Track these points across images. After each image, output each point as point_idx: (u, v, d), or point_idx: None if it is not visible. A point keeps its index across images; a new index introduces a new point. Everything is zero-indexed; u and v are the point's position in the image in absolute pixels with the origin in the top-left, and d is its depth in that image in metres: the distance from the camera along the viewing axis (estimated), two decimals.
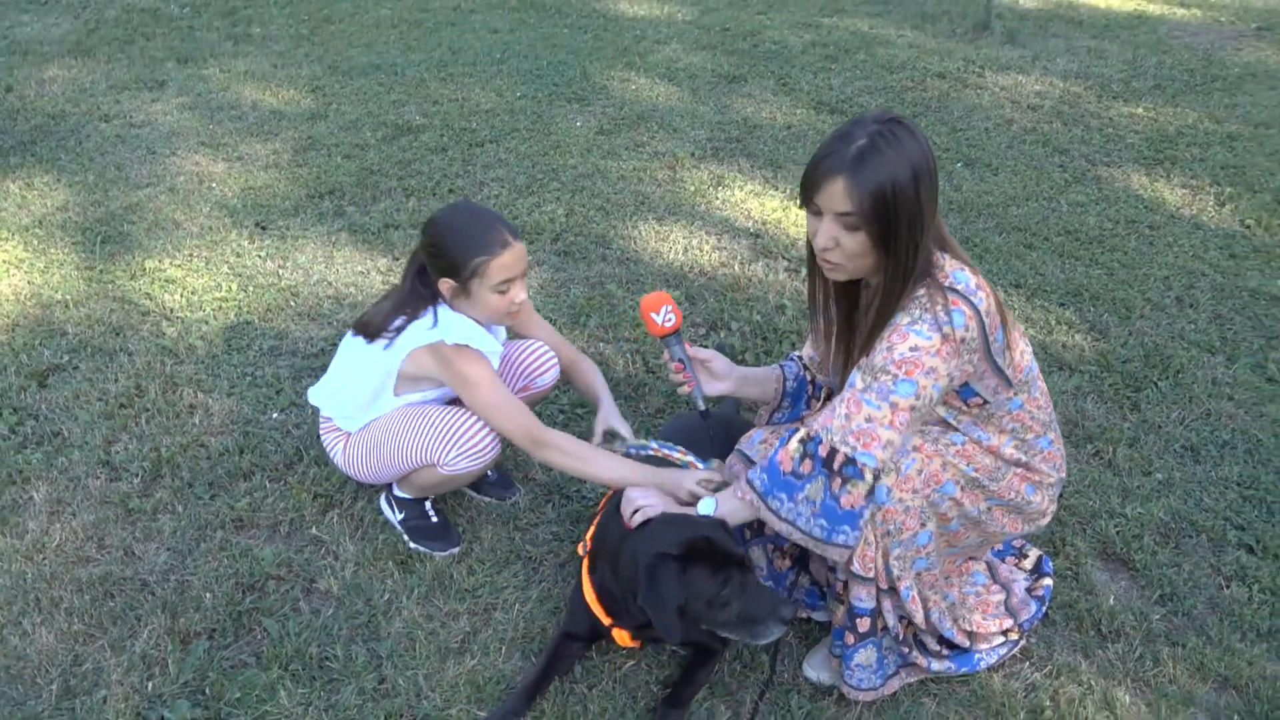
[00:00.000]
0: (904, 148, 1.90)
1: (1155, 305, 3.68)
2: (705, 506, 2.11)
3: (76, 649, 2.32)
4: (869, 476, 1.94)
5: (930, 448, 2.06)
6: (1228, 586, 2.56)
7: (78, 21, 6.54)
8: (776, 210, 4.27)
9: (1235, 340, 3.50)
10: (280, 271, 3.82)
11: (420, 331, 2.34)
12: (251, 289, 3.70)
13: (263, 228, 4.12)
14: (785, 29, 6.51)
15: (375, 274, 3.79)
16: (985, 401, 2.09)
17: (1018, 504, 2.15)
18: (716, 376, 2.39)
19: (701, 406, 2.36)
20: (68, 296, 3.63)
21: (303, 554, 2.59)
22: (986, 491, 2.11)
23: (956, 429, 2.11)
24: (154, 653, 2.31)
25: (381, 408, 2.50)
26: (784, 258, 3.92)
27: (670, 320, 2.30)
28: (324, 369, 3.21)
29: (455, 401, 2.51)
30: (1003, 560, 2.55)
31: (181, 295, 3.65)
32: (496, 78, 5.68)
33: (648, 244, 4.02)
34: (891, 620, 2.17)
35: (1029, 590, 2.47)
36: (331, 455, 2.62)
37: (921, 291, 1.97)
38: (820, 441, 1.96)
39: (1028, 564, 2.55)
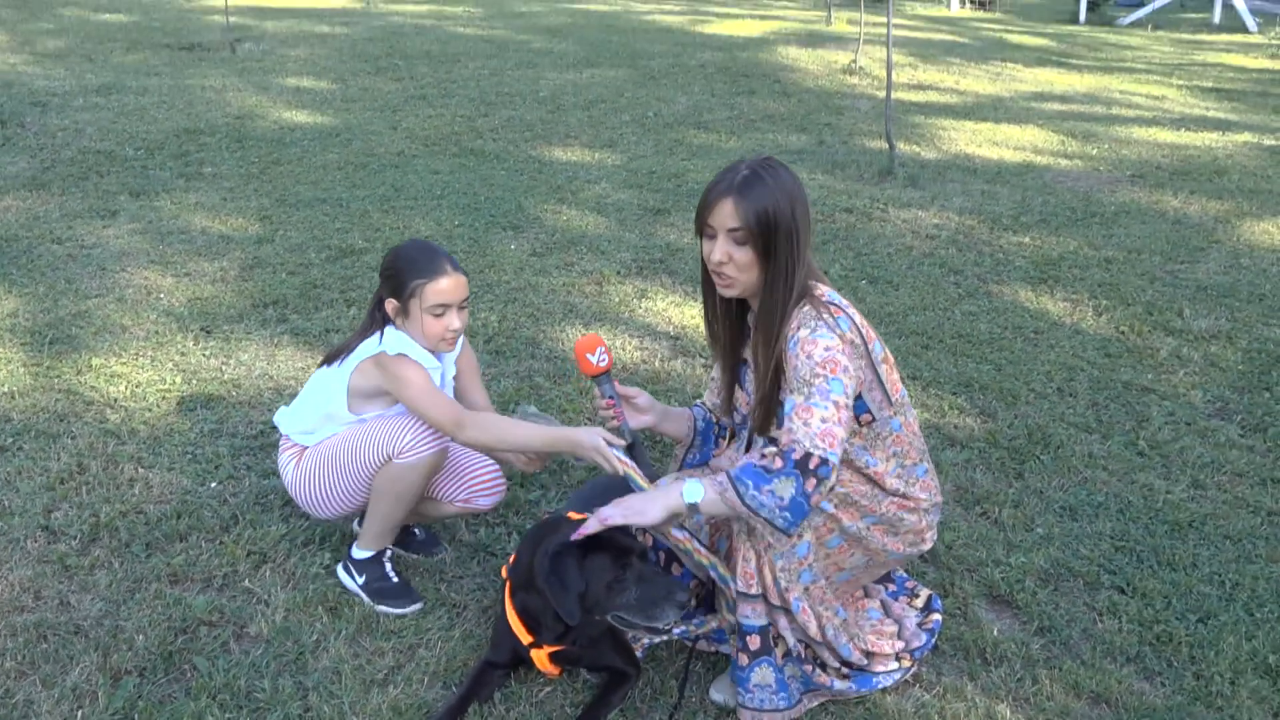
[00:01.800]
0: (779, 176, 2.27)
1: (1039, 394, 4.02)
2: (691, 492, 2.15)
3: (8, 684, 2.39)
4: (834, 476, 2.12)
5: None
6: (1101, 620, 2.78)
7: (34, 160, 6.85)
8: (696, 318, 4.60)
9: (1109, 422, 3.83)
10: (223, 368, 4.01)
11: (369, 347, 2.64)
12: (195, 382, 3.88)
13: (207, 331, 4.33)
14: (708, 172, 7.04)
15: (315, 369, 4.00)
16: (874, 419, 2.35)
17: (892, 521, 2.38)
18: (640, 411, 2.63)
19: (628, 439, 2.57)
20: (13, 388, 3.77)
21: (235, 602, 2.71)
22: (862, 509, 2.34)
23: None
24: (85, 686, 2.39)
25: (337, 422, 2.72)
26: (701, 356, 4.22)
27: (604, 360, 2.51)
28: (263, 449, 3.41)
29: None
30: (895, 600, 2.76)
31: (126, 387, 3.82)
32: (436, 210, 6.06)
33: (573, 343, 4.30)
34: (791, 641, 2.35)
35: (920, 625, 2.67)
36: (284, 476, 2.80)
37: (808, 308, 2.27)
38: (794, 450, 2.10)
39: (919, 603, 2.75)
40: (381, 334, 2.64)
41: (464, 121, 8.36)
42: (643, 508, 2.20)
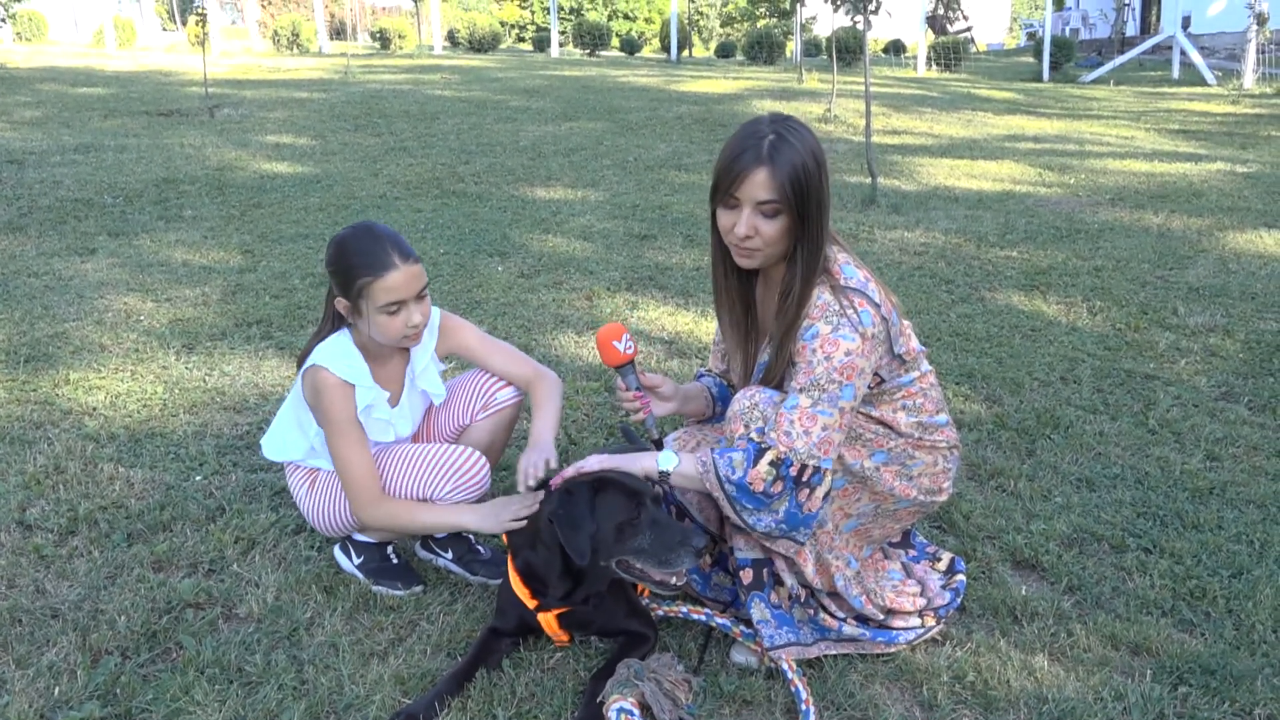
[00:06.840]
0: (802, 136, 2.15)
1: (1042, 382, 3.96)
2: (666, 460, 2.15)
3: None
4: (828, 480, 2.11)
5: None
6: (1131, 578, 2.67)
7: (10, 208, 6.76)
8: (689, 324, 4.53)
9: (1117, 405, 3.76)
10: (206, 378, 3.89)
11: (314, 356, 2.42)
12: (177, 390, 3.75)
13: (189, 348, 4.21)
14: (691, 204, 7.06)
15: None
16: (883, 380, 2.27)
17: (902, 460, 2.28)
18: (664, 399, 2.51)
19: (655, 435, 2.43)
20: None
21: (223, 585, 2.56)
22: (869, 446, 2.24)
23: None
24: (62, 664, 2.23)
25: (310, 433, 2.54)
26: (697, 357, 4.13)
27: (630, 348, 2.38)
28: (248, 447, 3.27)
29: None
30: (917, 563, 2.64)
31: (105, 397, 3.68)
32: (421, 241, 6.00)
33: (567, 349, 4.21)
34: (789, 580, 2.24)
35: (943, 586, 2.55)
36: (297, 498, 2.64)
37: (829, 297, 2.15)
38: (791, 463, 2.08)
39: (941, 565, 2.64)
40: (326, 341, 2.45)
41: (445, 168, 8.37)
42: (621, 465, 2.20)
